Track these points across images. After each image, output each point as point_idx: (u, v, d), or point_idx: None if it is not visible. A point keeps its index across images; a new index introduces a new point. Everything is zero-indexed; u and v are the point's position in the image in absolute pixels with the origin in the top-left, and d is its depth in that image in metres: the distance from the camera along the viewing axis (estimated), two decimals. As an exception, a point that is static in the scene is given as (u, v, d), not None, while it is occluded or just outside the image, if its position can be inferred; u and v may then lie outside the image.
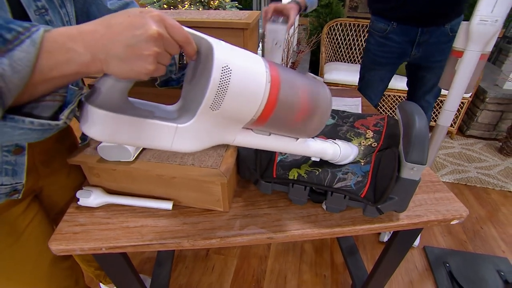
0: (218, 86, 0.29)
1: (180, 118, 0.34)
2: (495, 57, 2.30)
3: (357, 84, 2.00)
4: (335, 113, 0.76)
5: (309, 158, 0.59)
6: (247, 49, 0.34)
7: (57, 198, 0.69)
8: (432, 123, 1.86)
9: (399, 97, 2.01)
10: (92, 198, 0.62)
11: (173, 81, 0.60)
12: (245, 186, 0.67)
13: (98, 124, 0.30)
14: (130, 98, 0.34)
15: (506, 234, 1.35)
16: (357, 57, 2.30)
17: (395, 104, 2.07)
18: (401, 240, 0.70)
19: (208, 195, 0.60)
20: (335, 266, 1.20)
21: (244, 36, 0.63)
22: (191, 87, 0.35)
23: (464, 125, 2.10)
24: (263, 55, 2.30)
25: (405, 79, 1.35)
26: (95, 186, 0.64)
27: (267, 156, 0.59)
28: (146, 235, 0.57)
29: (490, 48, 0.92)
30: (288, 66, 1.90)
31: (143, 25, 0.27)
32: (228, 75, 0.29)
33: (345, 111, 0.77)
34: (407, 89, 1.35)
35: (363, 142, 0.64)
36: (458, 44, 0.94)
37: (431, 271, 1.17)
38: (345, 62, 2.33)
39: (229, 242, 0.57)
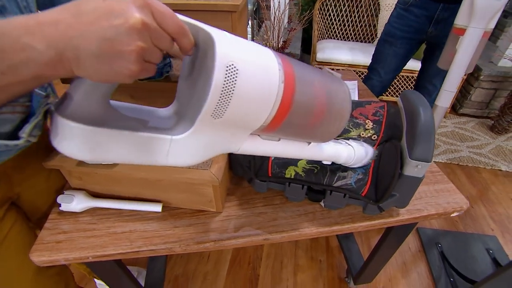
0: (222, 90, 0.24)
1: (175, 127, 0.28)
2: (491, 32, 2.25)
3: (351, 63, 1.96)
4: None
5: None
6: (253, 41, 0.28)
7: (38, 203, 0.64)
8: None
9: (407, 77, 1.96)
10: (74, 203, 0.58)
11: (155, 74, 0.54)
12: (238, 183, 0.64)
13: (71, 140, 0.24)
14: (114, 102, 0.28)
15: (495, 212, 1.38)
16: (351, 34, 2.21)
17: (404, 84, 2.03)
18: (398, 232, 0.68)
19: (199, 196, 0.56)
20: (330, 250, 1.21)
21: (232, 20, 0.57)
22: (188, 87, 0.29)
23: (458, 103, 2.09)
24: (252, 37, 2.19)
25: (417, 61, 1.30)
26: (77, 190, 0.60)
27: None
28: (135, 241, 0.54)
29: (493, 25, 0.87)
30: (279, 45, 1.82)
31: (122, 12, 0.21)
32: (234, 76, 0.24)
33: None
34: (414, 69, 1.31)
35: (363, 134, 0.60)
36: (460, 21, 0.89)
37: (424, 252, 1.19)
38: (338, 39, 2.24)
39: (224, 246, 0.54)
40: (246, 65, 0.24)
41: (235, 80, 0.24)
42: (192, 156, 0.29)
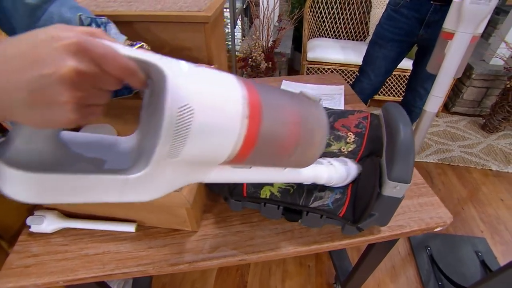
0: (175, 132, 0.22)
1: (132, 164, 0.26)
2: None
3: (343, 62, 1.93)
4: (314, 112, 0.69)
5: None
6: (218, 69, 0.26)
7: (8, 222, 0.62)
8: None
9: (399, 76, 1.94)
10: (45, 224, 0.55)
11: (123, 90, 0.52)
12: (216, 200, 0.62)
13: (15, 185, 0.22)
14: (68, 136, 0.26)
15: (485, 214, 1.38)
16: (343, 32, 2.18)
17: (396, 84, 2.01)
18: (380, 247, 0.67)
19: (173, 216, 0.54)
20: (319, 256, 1.20)
21: (205, 31, 0.54)
22: (148, 118, 0.27)
23: (450, 102, 2.08)
24: (243, 36, 2.15)
25: (409, 60, 1.28)
26: (49, 209, 0.57)
27: (237, 171, 0.53)
28: (108, 263, 0.52)
29: (481, 29, 0.85)
30: (269, 45, 1.78)
31: (52, 59, 0.18)
32: (189, 116, 0.22)
33: (325, 109, 0.71)
34: (407, 68, 1.29)
35: (343, 149, 0.58)
36: (448, 25, 0.87)
37: (413, 256, 1.19)
38: (330, 37, 2.21)
39: (198, 267, 0.53)
40: (203, 105, 0.22)
41: (190, 121, 0.22)
42: (152, 192, 0.26)
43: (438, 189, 1.51)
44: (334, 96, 0.95)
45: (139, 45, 0.48)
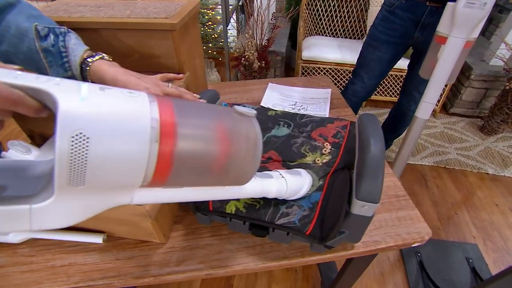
0: (70, 161, 0.20)
1: (40, 191, 0.24)
2: (485, 27, 2.17)
3: (339, 62, 1.89)
4: (292, 119, 0.67)
5: (253, 184, 0.51)
6: (127, 88, 0.24)
7: None
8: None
9: (396, 76, 1.89)
10: (12, 234, 0.54)
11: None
12: (187, 210, 0.60)
13: None
14: None
15: (478, 219, 1.35)
16: (340, 30, 2.13)
17: (393, 84, 1.97)
18: (358, 261, 0.65)
19: (139, 229, 0.52)
20: (308, 260, 1.18)
21: (173, 39, 0.52)
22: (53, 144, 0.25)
23: (449, 102, 2.04)
24: (238, 33, 2.11)
25: (407, 60, 1.24)
26: (15, 218, 0.56)
27: (204, 184, 0.51)
28: (73, 276, 0.51)
29: (476, 34, 0.81)
30: (263, 43, 1.75)
31: None
32: (83, 145, 0.20)
33: (304, 116, 0.68)
34: (405, 68, 1.26)
35: (318, 160, 0.56)
36: (442, 28, 0.83)
37: (403, 261, 1.17)
38: (326, 35, 2.16)
39: (163, 280, 0.51)
40: (100, 132, 0.20)
41: (86, 149, 0.20)
42: (66, 219, 0.24)
43: (432, 193, 1.48)
44: (319, 100, 0.92)
45: (98, 56, 0.46)
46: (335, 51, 1.90)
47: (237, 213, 0.48)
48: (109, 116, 0.21)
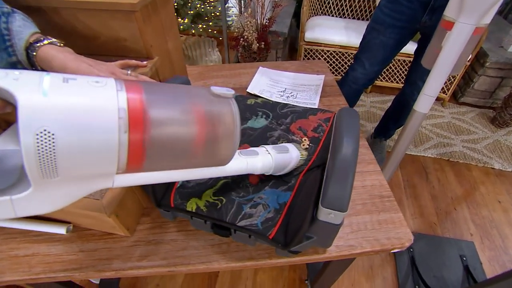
0: (38, 155, 0.20)
1: (17, 183, 0.25)
2: (508, 9, 1.99)
3: (344, 44, 1.78)
4: (272, 109, 0.62)
5: (218, 179, 0.48)
6: (99, 75, 0.23)
7: None
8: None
9: (404, 61, 1.78)
10: (-25, 221, 0.53)
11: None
12: (156, 203, 0.58)
13: None
14: None
15: (478, 215, 1.30)
16: (347, 10, 2.00)
17: (400, 69, 1.86)
18: (337, 262, 0.62)
19: (102, 222, 0.50)
20: (296, 250, 1.17)
21: (136, 21, 0.47)
22: None
23: (459, 91, 1.92)
24: (240, 11, 1.99)
25: (414, 44, 1.14)
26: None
27: (166, 179, 0.48)
28: (35, 266, 0.50)
29: (488, 20, 0.72)
30: (264, 23, 1.65)
31: None
32: (49, 141, 0.20)
33: (286, 106, 0.63)
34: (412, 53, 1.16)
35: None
36: (449, 12, 0.74)
37: (394, 256, 1.14)
38: (333, 15, 2.03)
39: (125, 274, 0.50)
40: (65, 127, 0.20)
41: (53, 145, 0.20)
42: (50, 205, 0.25)
43: (432, 186, 1.43)
44: (310, 87, 0.86)
45: (47, 41, 0.41)
46: (340, 32, 1.78)
47: (197, 212, 0.45)
48: (73, 111, 0.20)
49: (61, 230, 0.53)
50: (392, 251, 0.52)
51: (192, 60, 1.92)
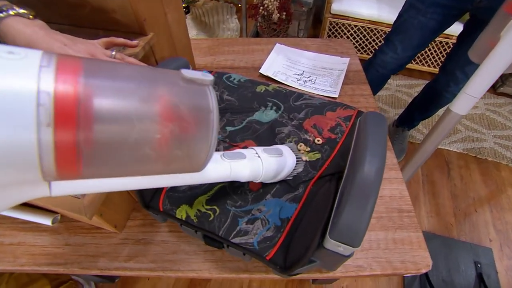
0: None
1: None
2: None
3: (375, 20, 1.60)
4: (284, 99, 0.54)
5: (214, 185, 0.42)
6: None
7: None
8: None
9: (441, 43, 1.59)
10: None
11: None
12: (149, 197, 0.53)
13: None
14: None
15: (501, 220, 1.20)
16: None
17: (439, 52, 1.66)
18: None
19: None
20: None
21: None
22: None
23: (499, 79, 1.72)
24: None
25: (460, 24, 0.95)
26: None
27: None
28: (20, 257, 0.48)
29: None
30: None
31: None
32: None
33: (301, 96, 0.55)
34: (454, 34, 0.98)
35: (304, 157, 0.44)
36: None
37: (402, 255, 1.09)
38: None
39: (110, 273, 0.47)
40: None
41: None
42: None
43: (454, 184, 1.33)
44: (332, 72, 0.76)
45: (13, 11, 0.34)
46: (371, 5, 1.59)
47: (187, 221, 0.39)
48: None
49: (46, 221, 0.49)
50: (404, 275, 0.46)
51: (209, 27, 1.79)
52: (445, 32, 0.95)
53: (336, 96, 0.69)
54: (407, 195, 0.53)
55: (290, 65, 0.79)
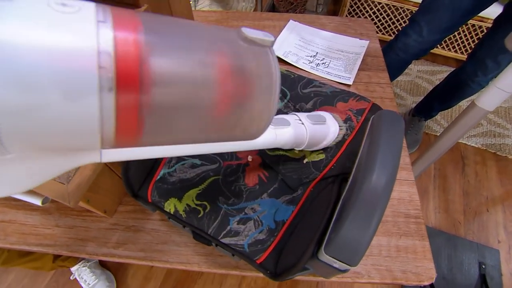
0: None
1: None
2: None
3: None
4: (291, 85, 0.49)
5: (207, 177, 0.39)
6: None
7: None
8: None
9: (473, 26, 1.45)
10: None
11: None
12: (141, 183, 0.51)
13: None
14: None
15: (513, 222, 1.15)
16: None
17: (464, 36, 1.53)
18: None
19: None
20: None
21: None
22: None
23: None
24: None
25: (499, 6, 0.83)
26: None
27: (145, 167, 0.39)
28: (10, 235, 0.48)
29: None
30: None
31: None
32: None
33: (311, 83, 0.49)
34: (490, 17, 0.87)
35: (305, 157, 0.41)
36: None
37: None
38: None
39: (98, 258, 0.46)
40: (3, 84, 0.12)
41: None
42: (10, 188, 0.18)
43: (467, 180, 1.27)
44: (349, 55, 0.69)
45: None
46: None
47: (175, 215, 0.37)
48: (13, 51, 0.12)
49: (37, 201, 0.48)
50: (403, 284, 0.43)
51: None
52: (479, 14, 0.84)
53: (350, 83, 0.63)
54: (417, 199, 0.49)
55: (303, 45, 0.72)
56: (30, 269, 0.81)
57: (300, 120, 0.35)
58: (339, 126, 0.41)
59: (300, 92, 0.48)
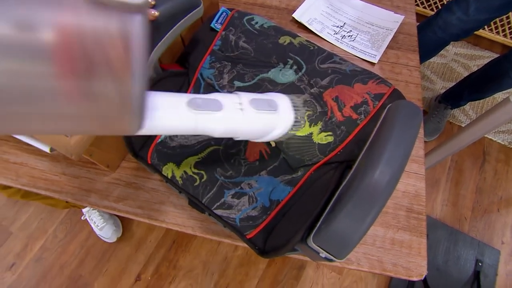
0: None
1: None
2: None
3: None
4: (308, 58, 0.45)
5: (208, 145, 0.38)
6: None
7: None
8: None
9: None
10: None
11: None
12: (145, 142, 0.51)
13: None
14: None
15: (523, 225, 1.11)
16: None
17: None
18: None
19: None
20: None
21: None
22: None
23: None
24: None
25: None
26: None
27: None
28: (22, 177, 0.51)
29: None
30: None
31: None
32: None
33: (330, 57, 0.45)
34: None
35: (313, 136, 0.39)
36: None
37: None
38: None
39: (99, 209, 0.48)
40: None
41: None
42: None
43: (484, 178, 1.21)
44: (378, 30, 0.63)
45: None
46: None
47: (172, 180, 0.37)
48: None
49: (45, 148, 0.50)
50: (392, 276, 0.43)
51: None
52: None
53: (375, 61, 0.58)
54: (423, 195, 0.47)
55: (331, 13, 0.66)
56: (46, 205, 0.87)
57: (241, 104, 0.28)
58: (295, 120, 0.32)
59: (317, 67, 0.44)
